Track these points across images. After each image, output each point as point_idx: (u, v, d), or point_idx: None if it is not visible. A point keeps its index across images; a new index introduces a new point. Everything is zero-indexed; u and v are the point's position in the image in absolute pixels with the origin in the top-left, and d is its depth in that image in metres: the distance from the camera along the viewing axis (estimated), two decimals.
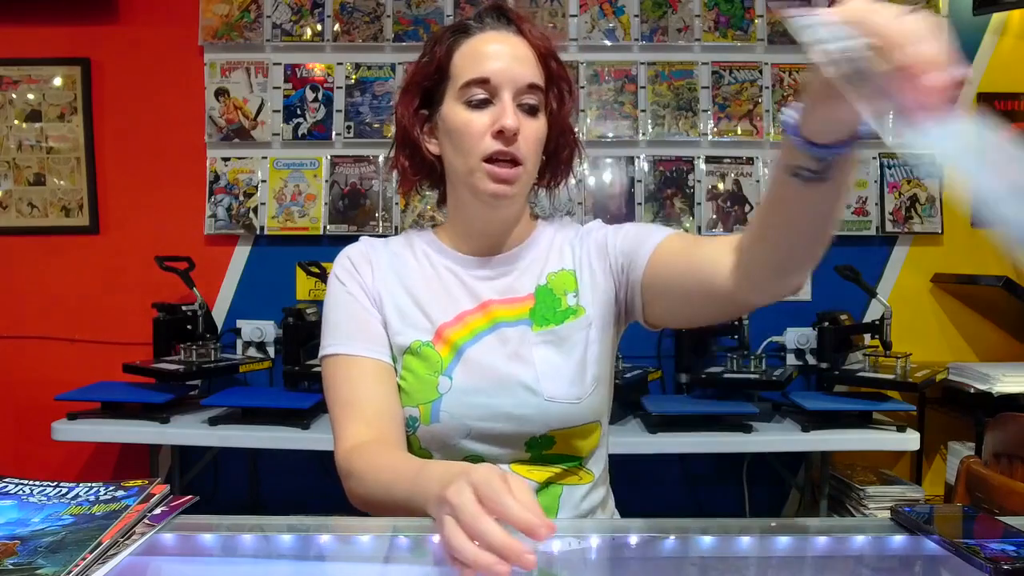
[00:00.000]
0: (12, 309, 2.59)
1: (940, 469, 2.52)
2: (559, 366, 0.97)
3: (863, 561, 0.73)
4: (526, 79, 0.96)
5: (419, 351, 0.98)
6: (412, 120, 1.02)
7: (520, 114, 0.95)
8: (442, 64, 0.99)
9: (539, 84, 0.97)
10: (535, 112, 0.97)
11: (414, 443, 0.99)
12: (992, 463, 1.40)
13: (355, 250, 1.06)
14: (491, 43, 0.97)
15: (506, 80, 0.95)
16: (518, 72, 0.95)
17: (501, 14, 1.00)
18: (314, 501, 2.51)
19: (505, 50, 0.97)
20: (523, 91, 0.96)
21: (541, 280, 1.03)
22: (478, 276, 1.04)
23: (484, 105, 0.95)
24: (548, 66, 1.00)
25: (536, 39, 0.99)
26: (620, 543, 0.76)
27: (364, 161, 2.56)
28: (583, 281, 1.03)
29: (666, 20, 2.56)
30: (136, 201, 2.59)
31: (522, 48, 0.98)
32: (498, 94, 0.95)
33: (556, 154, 1.06)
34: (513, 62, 0.96)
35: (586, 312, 1.01)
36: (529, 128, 0.96)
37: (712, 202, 2.55)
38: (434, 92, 1.01)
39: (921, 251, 2.57)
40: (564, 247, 1.07)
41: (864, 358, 2.28)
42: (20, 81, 2.58)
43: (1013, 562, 0.63)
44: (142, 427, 2.09)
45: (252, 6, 2.55)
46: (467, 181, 0.97)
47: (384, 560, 0.73)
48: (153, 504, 0.77)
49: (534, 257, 1.06)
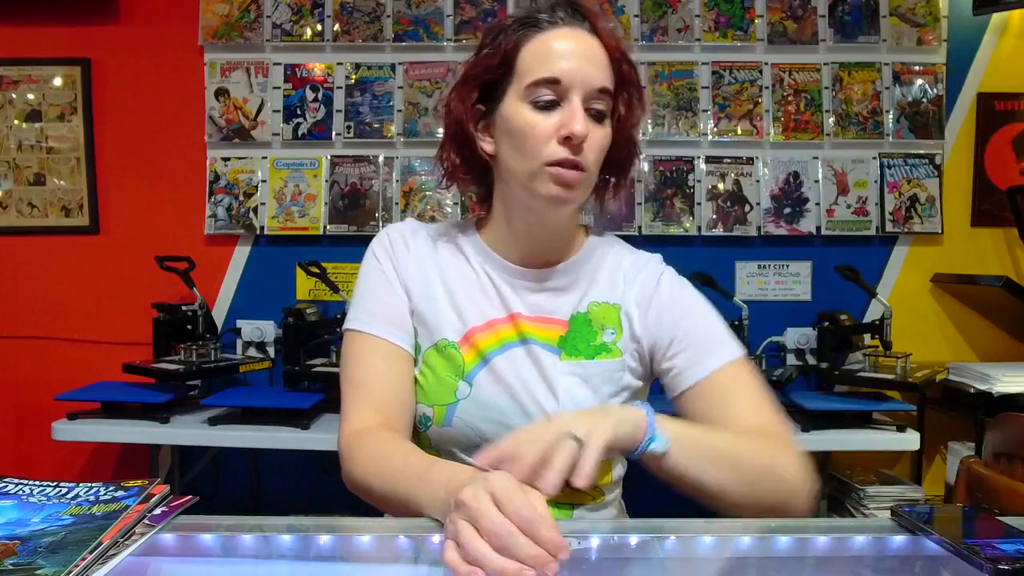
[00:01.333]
0: (12, 309, 2.59)
1: (940, 469, 2.52)
2: (582, 402, 0.93)
3: (863, 561, 0.73)
4: (597, 83, 0.90)
5: (444, 350, 0.96)
6: (468, 115, 0.95)
7: (587, 120, 0.89)
8: (507, 58, 0.92)
9: (610, 88, 0.92)
10: (602, 119, 0.92)
11: (424, 441, 0.97)
12: (992, 463, 1.40)
13: (396, 230, 1.02)
14: (563, 40, 0.90)
15: (577, 82, 0.89)
16: (590, 74, 0.89)
17: (575, 9, 0.94)
18: (314, 501, 2.52)
19: (577, 49, 0.90)
20: (593, 95, 0.90)
21: (581, 307, 0.98)
22: (515, 286, 0.99)
23: (551, 107, 0.89)
24: (620, 69, 0.94)
25: (610, 39, 0.93)
26: (620, 543, 0.76)
27: (364, 161, 2.56)
28: (624, 321, 0.98)
29: (666, 20, 2.56)
30: (136, 201, 2.59)
31: (595, 48, 0.91)
32: (567, 96, 0.89)
33: (617, 163, 0.99)
34: (585, 63, 0.90)
35: (622, 356, 0.97)
36: (595, 135, 0.90)
37: (712, 202, 2.55)
38: (495, 87, 0.94)
39: (921, 251, 2.57)
40: (617, 276, 1.00)
41: (864, 358, 2.28)
42: (20, 81, 2.58)
43: (1013, 562, 0.63)
44: (142, 427, 2.08)
45: (252, 6, 2.55)
46: (527, 184, 0.91)
47: (384, 560, 0.73)
48: (153, 504, 0.77)
49: (578, 278, 1.00)
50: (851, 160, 2.56)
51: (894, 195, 2.55)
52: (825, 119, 2.55)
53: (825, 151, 2.56)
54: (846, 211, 2.55)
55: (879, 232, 2.55)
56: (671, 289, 0.99)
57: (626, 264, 1.02)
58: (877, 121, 2.55)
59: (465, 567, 0.59)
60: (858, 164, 2.56)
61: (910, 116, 2.56)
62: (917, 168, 2.55)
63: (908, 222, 2.55)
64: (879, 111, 2.55)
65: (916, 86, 2.55)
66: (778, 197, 2.55)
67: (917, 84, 2.55)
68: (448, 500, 0.66)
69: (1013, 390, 2.12)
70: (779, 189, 2.55)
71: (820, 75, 2.55)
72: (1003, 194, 2.47)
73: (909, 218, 2.55)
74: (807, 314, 2.45)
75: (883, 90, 2.55)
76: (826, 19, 2.55)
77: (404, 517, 0.78)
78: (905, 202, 2.55)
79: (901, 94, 2.56)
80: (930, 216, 2.55)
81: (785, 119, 2.55)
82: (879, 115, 2.55)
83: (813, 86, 2.55)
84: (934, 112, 2.55)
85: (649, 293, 0.98)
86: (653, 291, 0.98)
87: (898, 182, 2.55)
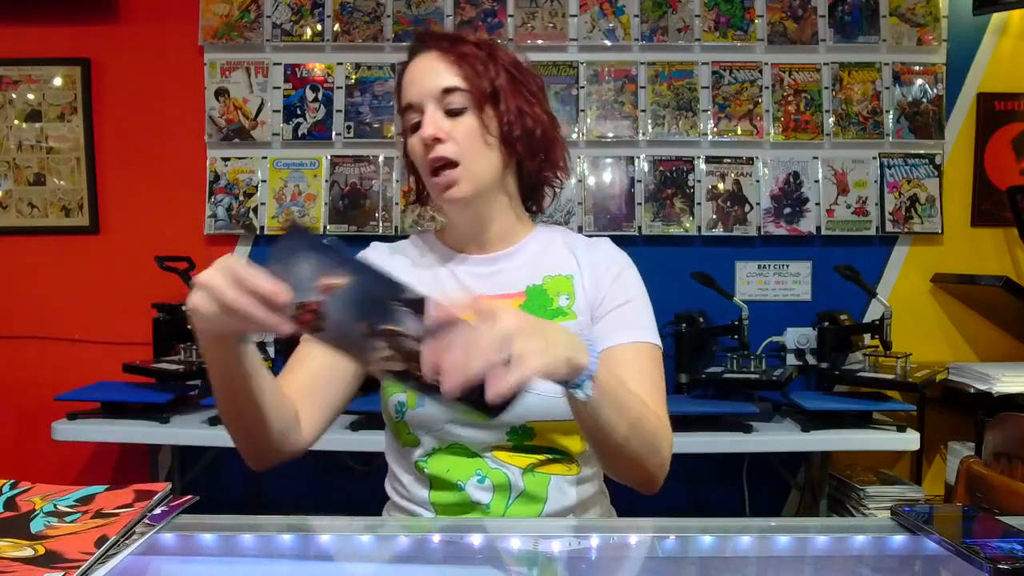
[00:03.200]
0: (12, 309, 2.59)
1: (940, 469, 2.52)
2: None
3: (863, 561, 0.73)
4: (439, 86, 0.99)
5: None
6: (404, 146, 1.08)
7: (447, 120, 0.99)
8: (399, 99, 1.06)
9: (455, 86, 0.99)
10: (460, 111, 1.00)
11: (402, 429, 1.01)
12: (992, 463, 1.40)
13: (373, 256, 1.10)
14: (411, 72, 1.03)
15: (424, 96, 1.00)
16: (431, 84, 1.00)
17: (419, 40, 1.06)
18: (314, 501, 2.52)
19: (419, 70, 1.02)
20: (440, 98, 0.99)
21: (536, 280, 1.05)
22: (472, 273, 1.07)
23: (419, 126, 1.00)
24: (467, 63, 1.00)
25: (447, 46, 1.02)
26: (620, 543, 0.76)
27: (364, 161, 2.56)
28: (579, 289, 1.05)
29: (666, 20, 2.56)
30: (136, 201, 2.59)
31: (435, 61, 1.01)
32: (424, 111, 1.00)
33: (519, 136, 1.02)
34: (424, 77, 1.01)
35: (577, 319, 1.03)
36: (455, 128, 0.99)
37: (712, 202, 2.55)
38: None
39: (921, 251, 2.57)
40: (567, 254, 1.08)
41: (864, 358, 2.28)
42: (20, 81, 2.57)
43: (1013, 562, 0.63)
44: (142, 427, 2.08)
45: (252, 6, 2.55)
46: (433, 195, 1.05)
47: (384, 560, 0.73)
48: (153, 504, 0.77)
49: (528, 257, 1.08)
50: (851, 160, 2.56)
51: (894, 195, 2.55)
52: (825, 119, 2.55)
53: (825, 151, 2.56)
54: (846, 211, 2.55)
55: (879, 232, 2.55)
56: (619, 267, 1.07)
57: (579, 243, 1.10)
58: (877, 121, 2.55)
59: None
60: (858, 164, 2.56)
61: (910, 116, 2.56)
62: (917, 168, 2.55)
63: (908, 222, 2.55)
64: (879, 111, 2.55)
65: (916, 86, 2.55)
66: (778, 197, 2.55)
67: (917, 84, 2.55)
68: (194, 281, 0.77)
69: (1013, 390, 2.12)
70: (779, 189, 2.55)
71: (820, 75, 2.55)
72: (1003, 194, 2.47)
73: (909, 218, 2.55)
74: (807, 314, 2.45)
75: (883, 90, 2.55)
76: (826, 19, 2.55)
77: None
78: (905, 202, 2.55)
79: (901, 94, 2.56)
80: (930, 216, 2.55)
81: (785, 119, 2.55)
82: (879, 115, 2.55)
83: (813, 86, 2.55)
84: (934, 112, 2.55)
85: (601, 266, 1.06)
86: (605, 265, 1.06)
87: (898, 182, 2.55)
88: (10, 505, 0.77)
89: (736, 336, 2.30)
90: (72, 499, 0.79)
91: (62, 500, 0.78)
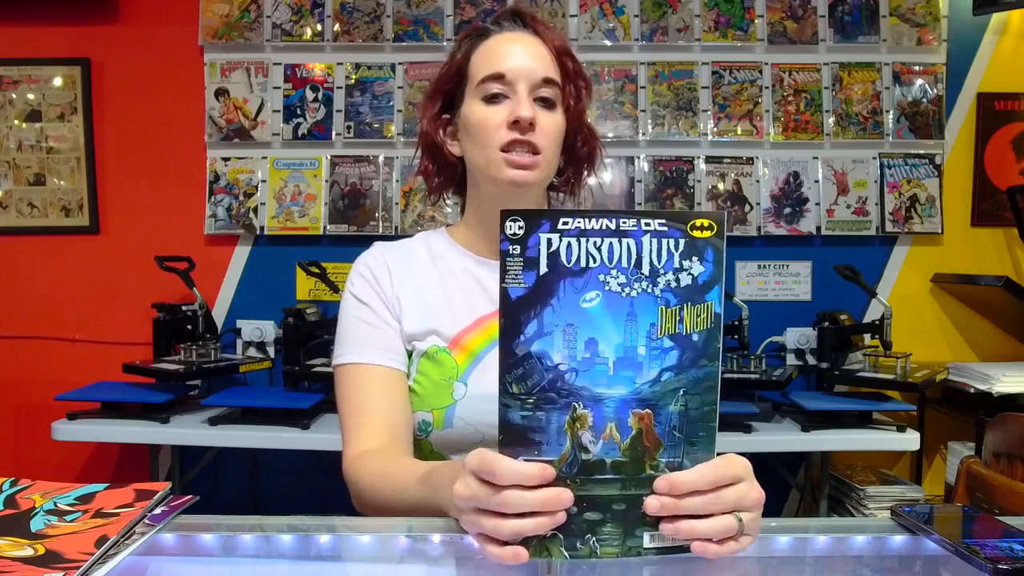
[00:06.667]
0: (12, 309, 2.59)
1: (940, 469, 2.52)
2: None
3: (863, 561, 0.73)
4: (541, 73, 0.98)
5: (435, 356, 0.98)
6: (434, 124, 1.05)
7: (537, 107, 0.97)
8: (461, 67, 1.02)
9: (554, 79, 0.99)
10: (552, 106, 0.99)
11: (425, 447, 0.99)
12: (992, 463, 1.40)
13: (371, 257, 1.06)
14: (507, 43, 1.00)
15: (521, 75, 0.97)
16: (533, 67, 0.98)
17: (517, 16, 1.03)
18: (314, 501, 2.52)
19: (520, 48, 0.99)
20: (538, 85, 0.97)
21: None
22: (495, 279, 1.03)
23: (500, 100, 0.97)
24: (564, 63, 1.01)
25: (551, 38, 1.02)
26: None
27: (364, 161, 2.56)
28: None
29: (666, 20, 2.56)
30: (136, 201, 2.59)
31: (537, 46, 1.00)
32: (514, 89, 0.97)
33: (575, 150, 1.06)
34: (528, 59, 0.98)
35: None
36: (546, 120, 0.97)
37: (712, 202, 2.55)
38: (455, 95, 1.04)
39: (921, 251, 2.57)
40: None
41: (864, 358, 2.28)
42: (20, 81, 2.58)
43: (1013, 562, 0.63)
44: (142, 427, 2.08)
45: (252, 6, 2.55)
46: (486, 172, 0.98)
47: (384, 560, 0.73)
48: (153, 504, 0.77)
49: None
50: (851, 160, 2.56)
51: (894, 195, 2.55)
52: (825, 119, 2.55)
53: (825, 151, 2.56)
54: (846, 211, 2.55)
55: (879, 232, 2.55)
56: None
57: None
58: (877, 121, 2.55)
59: (505, 551, 0.60)
60: (858, 164, 2.56)
61: (910, 116, 2.56)
62: (917, 168, 2.55)
63: (908, 222, 2.55)
64: (879, 111, 2.55)
65: (916, 86, 2.55)
66: (778, 197, 2.55)
67: (917, 84, 2.55)
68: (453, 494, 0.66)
69: (1013, 390, 2.12)
70: (779, 189, 2.55)
71: (820, 75, 2.55)
72: (1003, 194, 2.47)
73: (909, 218, 2.55)
74: (807, 314, 2.45)
75: (883, 90, 2.55)
76: (826, 19, 2.55)
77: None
78: (905, 202, 2.55)
79: (901, 94, 2.56)
80: (930, 216, 2.55)
81: (785, 119, 2.55)
82: (879, 115, 2.55)
83: (813, 86, 2.55)
84: (934, 112, 2.55)
85: None
86: None
87: (898, 182, 2.55)
88: (10, 503, 0.77)
89: (736, 336, 2.30)
90: (72, 497, 0.78)
91: (62, 498, 0.78)
